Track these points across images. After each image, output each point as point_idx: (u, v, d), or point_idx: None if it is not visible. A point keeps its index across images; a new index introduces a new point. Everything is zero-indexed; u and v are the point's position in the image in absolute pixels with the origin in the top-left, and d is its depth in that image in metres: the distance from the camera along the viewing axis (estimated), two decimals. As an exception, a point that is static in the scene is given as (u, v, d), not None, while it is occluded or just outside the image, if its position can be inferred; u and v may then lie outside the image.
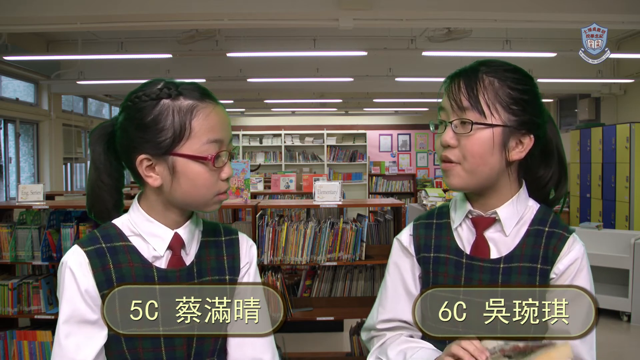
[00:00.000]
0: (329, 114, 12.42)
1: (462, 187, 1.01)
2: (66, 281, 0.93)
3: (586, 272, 1.00)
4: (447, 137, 0.98)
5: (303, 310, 3.29)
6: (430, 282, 1.05)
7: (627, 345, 4.06)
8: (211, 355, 0.99)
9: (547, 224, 1.03)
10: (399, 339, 1.07)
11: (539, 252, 1.00)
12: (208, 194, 0.96)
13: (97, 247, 0.95)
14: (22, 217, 3.33)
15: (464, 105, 0.97)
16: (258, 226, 3.09)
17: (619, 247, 4.64)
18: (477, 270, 1.02)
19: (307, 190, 4.73)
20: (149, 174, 0.95)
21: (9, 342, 3.17)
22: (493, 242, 1.03)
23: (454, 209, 1.08)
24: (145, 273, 0.95)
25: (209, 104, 0.95)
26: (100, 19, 4.97)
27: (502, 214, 1.02)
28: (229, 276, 1.03)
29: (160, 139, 0.92)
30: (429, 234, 1.08)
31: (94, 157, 1.01)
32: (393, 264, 1.11)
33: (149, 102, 0.94)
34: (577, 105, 9.44)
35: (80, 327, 0.92)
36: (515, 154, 0.99)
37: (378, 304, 1.12)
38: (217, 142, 0.94)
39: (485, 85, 0.97)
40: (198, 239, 1.02)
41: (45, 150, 8.24)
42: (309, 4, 4.89)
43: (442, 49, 6.39)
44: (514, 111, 0.97)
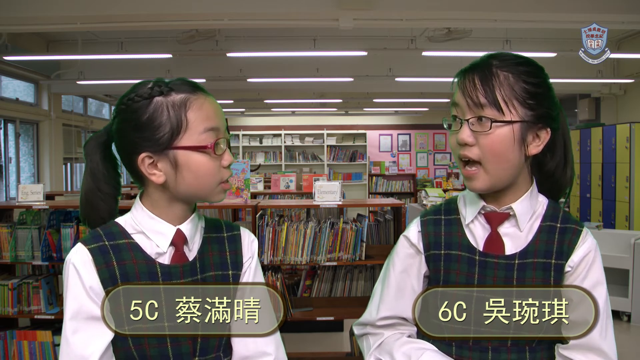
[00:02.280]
0: (329, 114, 12.42)
1: (488, 190, 1.00)
2: (70, 278, 0.94)
3: (599, 262, 1.02)
4: (465, 135, 0.97)
5: (303, 310, 3.29)
6: (440, 280, 1.03)
7: (627, 345, 4.06)
8: (217, 350, 1.00)
9: (559, 220, 1.03)
10: (400, 339, 1.06)
11: (553, 248, 1.01)
12: (212, 183, 0.97)
13: (101, 244, 0.96)
14: (22, 217, 3.33)
15: (481, 102, 0.95)
16: (258, 226, 3.09)
17: (619, 247, 4.64)
18: (491, 267, 1.01)
19: (307, 190, 4.73)
20: (152, 171, 0.95)
21: (9, 342, 3.17)
22: (507, 237, 1.02)
23: (463, 205, 1.07)
24: (149, 269, 0.96)
25: (200, 95, 0.97)
26: (100, 19, 4.98)
27: (518, 209, 1.01)
28: (232, 271, 1.03)
29: (158, 135, 0.93)
30: (439, 231, 1.06)
31: (92, 166, 1.02)
32: (399, 260, 1.09)
33: (142, 102, 0.95)
34: (577, 105, 9.44)
35: (88, 323, 0.92)
36: (533, 148, 0.98)
37: (379, 300, 1.10)
38: (214, 130, 0.95)
39: (501, 80, 0.95)
40: (201, 235, 1.03)
41: (45, 150, 8.24)
42: (309, 4, 4.89)
43: (442, 49, 6.39)
44: (531, 105, 0.96)
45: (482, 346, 1.00)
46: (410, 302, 1.06)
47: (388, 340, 1.08)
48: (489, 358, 1.00)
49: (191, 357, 0.97)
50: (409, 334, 1.09)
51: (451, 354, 1.02)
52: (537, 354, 1.00)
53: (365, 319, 1.12)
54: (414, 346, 1.03)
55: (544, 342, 1.00)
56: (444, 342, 1.03)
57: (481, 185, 0.98)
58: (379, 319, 1.09)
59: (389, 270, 1.10)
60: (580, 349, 0.98)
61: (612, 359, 0.98)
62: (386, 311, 1.08)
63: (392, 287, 1.09)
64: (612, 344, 0.99)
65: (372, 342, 1.09)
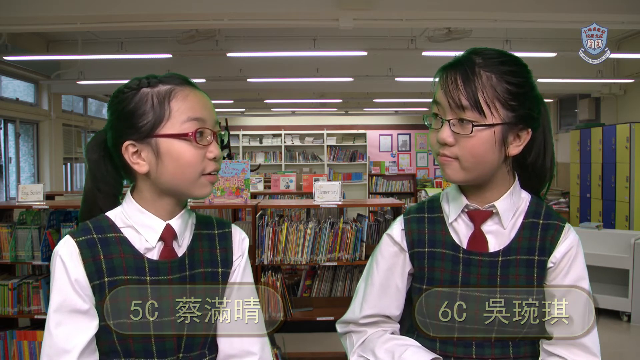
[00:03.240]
0: (329, 114, 12.42)
1: (460, 182, 0.99)
2: (57, 271, 0.94)
3: (581, 258, 1.02)
4: (445, 135, 0.95)
5: (303, 310, 3.29)
6: (425, 278, 1.03)
7: (627, 345, 4.06)
8: (202, 348, 1.00)
9: (541, 216, 1.03)
10: (383, 336, 1.06)
11: (536, 244, 1.01)
12: (194, 173, 0.95)
13: (89, 237, 0.96)
14: (22, 217, 3.33)
15: (462, 104, 0.93)
16: (258, 226, 3.09)
17: (619, 247, 4.64)
18: (475, 265, 1.01)
19: (307, 190, 4.73)
20: (135, 160, 0.96)
21: (9, 342, 3.18)
22: (491, 235, 1.02)
23: (446, 203, 1.07)
24: (136, 264, 0.96)
25: (186, 87, 0.98)
26: (100, 19, 4.98)
27: (500, 207, 1.01)
28: (222, 269, 1.03)
29: (141, 123, 0.94)
30: (422, 229, 1.06)
31: (90, 166, 1.02)
32: (382, 259, 1.09)
33: (129, 93, 0.96)
34: (577, 105, 9.44)
35: (71, 317, 0.92)
36: (514, 149, 0.97)
37: (362, 299, 1.10)
38: (198, 120, 0.95)
39: (484, 82, 0.93)
40: (191, 231, 1.03)
41: (45, 150, 8.24)
42: (309, 4, 4.89)
43: (442, 49, 6.38)
44: (512, 107, 0.94)
45: (466, 341, 1.01)
46: (394, 300, 1.07)
47: (371, 337, 1.08)
48: (472, 353, 1.01)
49: (175, 353, 0.97)
50: (392, 331, 1.09)
51: (435, 350, 1.02)
52: (521, 348, 1.01)
53: (348, 317, 1.12)
54: (397, 343, 1.03)
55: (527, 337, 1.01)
56: (427, 338, 1.03)
57: (455, 176, 0.98)
58: (362, 317, 1.09)
59: (372, 268, 1.10)
60: (564, 344, 0.99)
61: (595, 353, 0.99)
62: (369, 309, 1.08)
63: (375, 285, 1.08)
64: (596, 339, 0.99)
65: (355, 340, 1.09)
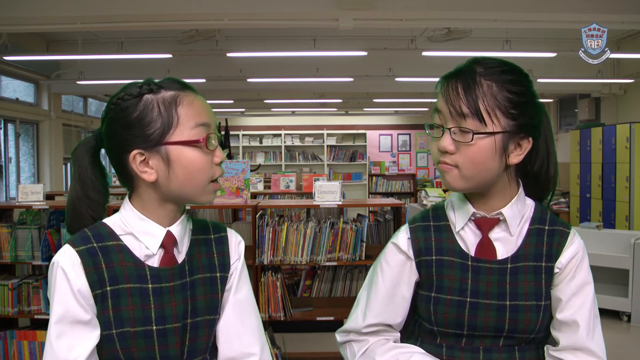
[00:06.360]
0: (329, 114, 12.42)
1: (460, 189, 1.00)
2: (58, 281, 0.92)
3: (586, 263, 1.04)
4: (446, 143, 0.96)
5: (303, 310, 3.29)
6: (434, 286, 1.03)
7: (627, 345, 4.06)
8: (204, 353, 1.00)
9: (547, 223, 1.04)
10: (385, 345, 1.06)
11: (542, 251, 1.02)
12: (205, 179, 0.96)
13: (89, 246, 0.94)
14: (22, 217, 3.33)
15: (463, 112, 0.93)
16: (258, 226, 3.09)
17: (619, 247, 4.64)
18: (484, 272, 1.01)
19: (307, 190, 4.72)
20: (143, 169, 0.94)
21: (9, 342, 3.17)
22: (498, 242, 1.02)
23: (452, 211, 1.06)
24: (138, 272, 0.95)
25: (189, 92, 0.97)
26: (100, 19, 4.98)
27: (508, 214, 1.01)
28: (220, 273, 1.03)
29: (149, 131, 0.93)
30: (429, 237, 1.05)
31: (80, 172, 1.00)
32: (388, 267, 1.07)
33: (132, 100, 0.94)
34: (577, 105, 9.44)
35: (73, 328, 0.91)
36: (514, 157, 0.98)
37: (365, 307, 1.08)
38: (205, 125, 0.95)
39: (484, 90, 0.94)
40: (189, 237, 1.03)
41: (45, 150, 8.24)
42: (309, 4, 4.89)
43: (442, 49, 6.39)
44: (513, 115, 0.95)
45: (474, 347, 1.02)
46: (399, 309, 1.07)
47: (373, 347, 1.07)
48: (480, 358, 1.01)
49: (179, 359, 0.97)
50: (394, 339, 1.09)
51: (441, 355, 1.03)
52: (526, 353, 1.03)
53: (349, 326, 1.11)
54: (401, 350, 1.03)
55: (532, 342, 1.03)
56: (433, 344, 1.04)
57: (455, 184, 0.98)
58: (365, 326, 1.08)
59: (376, 276, 1.09)
60: (569, 349, 1.00)
61: (601, 357, 1.00)
62: (373, 318, 1.07)
63: (380, 293, 1.07)
64: (601, 343, 1.01)
65: (357, 350, 1.09)
